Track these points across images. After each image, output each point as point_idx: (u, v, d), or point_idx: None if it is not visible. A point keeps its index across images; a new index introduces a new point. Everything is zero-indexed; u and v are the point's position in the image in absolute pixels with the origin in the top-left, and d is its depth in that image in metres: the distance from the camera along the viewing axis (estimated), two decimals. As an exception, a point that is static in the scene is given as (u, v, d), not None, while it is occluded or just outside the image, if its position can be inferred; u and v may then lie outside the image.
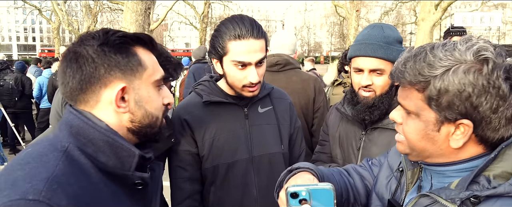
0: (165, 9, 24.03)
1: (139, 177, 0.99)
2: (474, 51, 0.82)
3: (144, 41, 1.03)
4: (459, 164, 0.90)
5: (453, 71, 0.82)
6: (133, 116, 0.99)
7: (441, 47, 0.86)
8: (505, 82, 0.80)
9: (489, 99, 0.81)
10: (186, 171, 1.63)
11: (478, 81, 0.80)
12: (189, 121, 1.63)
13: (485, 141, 0.87)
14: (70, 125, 0.95)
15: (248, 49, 1.48)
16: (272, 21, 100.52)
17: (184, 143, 1.63)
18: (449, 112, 0.84)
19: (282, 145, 1.72)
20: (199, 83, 1.74)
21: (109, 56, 0.95)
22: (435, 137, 0.89)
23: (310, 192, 0.86)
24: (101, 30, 1.00)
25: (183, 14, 33.49)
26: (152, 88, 1.02)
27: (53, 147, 0.91)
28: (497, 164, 0.84)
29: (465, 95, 0.81)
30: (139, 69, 0.99)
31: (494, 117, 0.82)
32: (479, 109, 0.82)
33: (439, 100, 0.84)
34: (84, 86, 0.95)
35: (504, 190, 0.79)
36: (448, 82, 0.82)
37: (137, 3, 9.18)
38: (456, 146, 0.87)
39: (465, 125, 0.84)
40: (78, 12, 35.22)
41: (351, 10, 22.00)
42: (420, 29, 14.30)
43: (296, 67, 2.78)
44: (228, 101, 1.64)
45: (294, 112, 1.85)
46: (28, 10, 32.44)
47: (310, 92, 2.70)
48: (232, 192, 1.64)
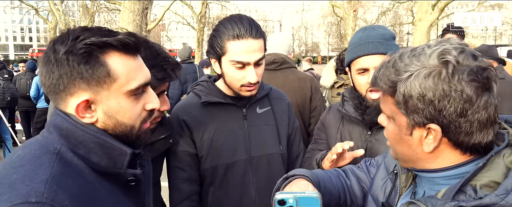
0: (162, 9, 23.99)
1: (131, 174, 0.99)
2: (437, 54, 0.81)
3: (118, 48, 0.95)
4: (446, 171, 0.89)
5: (415, 76, 0.82)
6: (105, 125, 0.96)
7: (409, 53, 0.86)
8: (469, 85, 0.78)
9: (452, 103, 0.80)
10: (184, 172, 1.63)
11: (437, 85, 0.80)
12: (187, 121, 1.62)
13: (460, 146, 0.85)
14: (60, 127, 0.94)
15: (246, 49, 1.47)
16: (270, 21, 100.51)
17: (182, 144, 1.62)
18: (416, 116, 0.84)
19: (281, 145, 1.72)
20: (197, 84, 1.74)
21: (72, 67, 0.90)
22: (409, 141, 0.90)
23: (297, 200, 0.88)
24: (75, 32, 0.93)
25: (181, 14, 33.45)
26: (124, 99, 0.96)
27: (45, 149, 0.90)
28: (485, 173, 0.81)
29: (428, 99, 0.81)
30: (107, 81, 0.92)
31: (463, 121, 0.81)
32: (444, 113, 0.81)
33: (406, 104, 0.85)
34: (53, 91, 0.93)
35: (490, 201, 0.76)
36: (410, 87, 0.83)
37: (134, 3, 9.15)
38: (428, 150, 0.87)
39: (433, 129, 0.84)
40: (75, 12, 35.15)
41: (348, 10, 22.04)
42: (417, 30, 14.33)
43: (292, 66, 2.79)
44: (226, 102, 1.64)
45: (292, 112, 1.85)
46: (25, 10, 32.32)
47: (307, 91, 2.71)
48: (231, 193, 1.64)
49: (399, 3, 29.64)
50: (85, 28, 0.95)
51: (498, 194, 0.76)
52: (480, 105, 0.79)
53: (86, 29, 0.94)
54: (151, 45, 1.40)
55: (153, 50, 1.38)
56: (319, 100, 2.77)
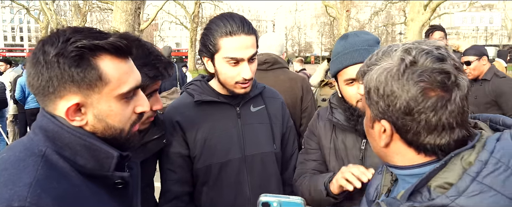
0: (155, 9, 23.89)
1: (119, 177, 0.98)
2: (400, 52, 0.83)
3: (109, 51, 0.93)
4: (410, 169, 0.89)
5: (375, 70, 0.85)
6: (94, 128, 0.95)
7: (386, 49, 0.89)
8: (416, 85, 0.79)
9: (398, 100, 0.81)
10: (175, 174, 1.62)
11: (387, 81, 0.82)
12: (180, 121, 1.62)
13: (411, 144, 0.86)
14: (46, 129, 0.92)
15: (240, 45, 1.48)
16: (263, 21, 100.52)
17: (175, 145, 1.62)
18: (373, 109, 0.87)
19: (275, 144, 1.72)
20: (190, 83, 1.73)
21: (63, 69, 0.88)
22: (372, 134, 0.93)
23: (281, 204, 0.90)
24: (65, 33, 0.91)
25: (174, 14, 33.35)
26: (114, 102, 0.95)
27: (30, 151, 0.89)
28: (442, 174, 0.81)
29: (380, 94, 0.84)
30: (98, 84, 0.91)
31: (408, 119, 0.82)
32: (391, 108, 0.83)
33: (368, 96, 0.88)
34: (42, 93, 0.92)
35: (441, 202, 0.76)
36: (369, 79, 0.86)
37: (127, 3, 9.11)
38: (382, 144, 0.90)
39: (383, 124, 0.86)
40: (67, 12, 34.84)
41: (341, 11, 22.13)
42: (409, 30, 14.44)
43: (284, 66, 2.80)
44: (220, 101, 1.63)
45: (286, 111, 1.84)
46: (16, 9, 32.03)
47: (298, 91, 2.72)
48: (225, 192, 1.63)
49: (391, 4, 29.83)
50: (76, 30, 0.93)
51: (448, 196, 0.76)
52: (426, 106, 0.79)
53: (76, 31, 0.92)
54: (143, 43, 1.40)
55: (145, 48, 1.38)
56: (310, 101, 2.78)
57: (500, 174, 0.74)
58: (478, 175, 0.75)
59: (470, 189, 0.74)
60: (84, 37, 0.90)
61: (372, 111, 0.88)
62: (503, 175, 0.74)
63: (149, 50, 1.39)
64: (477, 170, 0.75)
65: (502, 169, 0.75)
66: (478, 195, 0.74)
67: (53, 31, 0.94)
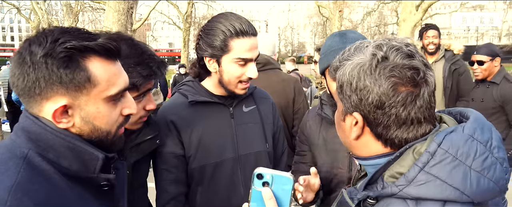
0: (148, 9, 23.78)
1: (104, 179, 0.97)
2: (371, 48, 0.86)
3: (99, 52, 0.92)
4: (371, 159, 0.92)
5: (348, 64, 0.88)
6: (80, 130, 0.94)
7: (358, 45, 0.91)
8: (388, 80, 0.82)
9: (370, 94, 0.84)
10: (171, 173, 1.62)
11: (360, 75, 0.85)
12: (175, 121, 1.62)
13: (380, 138, 0.89)
14: (28, 131, 0.90)
15: (251, 46, 1.52)
16: (256, 21, 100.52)
17: (170, 145, 1.61)
18: (345, 102, 0.90)
19: (267, 143, 1.74)
20: (183, 84, 1.73)
21: (51, 70, 0.86)
22: (343, 127, 0.95)
23: (273, 177, 0.96)
24: (53, 33, 0.89)
25: (166, 14, 33.21)
26: (102, 104, 0.94)
27: (12, 153, 0.87)
28: (395, 165, 0.84)
29: (353, 87, 0.86)
30: (87, 86, 0.90)
31: (380, 113, 0.85)
32: (364, 102, 0.85)
33: (340, 90, 0.91)
34: (27, 94, 0.90)
35: (390, 191, 0.80)
36: (342, 74, 0.89)
37: (119, 3, 9.05)
38: (352, 137, 0.92)
39: (355, 117, 0.89)
40: (59, 11, 34.55)
41: (334, 11, 22.19)
42: (402, 30, 14.53)
43: (276, 67, 2.80)
44: (213, 101, 1.64)
45: (276, 111, 1.87)
46: (6, 8, 31.64)
47: (290, 93, 2.72)
48: (220, 192, 1.64)
49: (384, 4, 29.99)
50: (64, 30, 0.91)
51: (397, 185, 0.80)
52: (396, 100, 0.82)
53: (65, 31, 0.91)
54: (136, 43, 1.39)
55: (138, 48, 1.37)
56: (302, 102, 2.79)
57: (446, 165, 0.77)
58: (426, 165, 0.78)
59: (418, 178, 0.78)
60: (73, 38, 0.89)
61: (344, 105, 0.91)
62: (449, 166, 0.77)
63: (142, 49, 1.38)
64: (425, 160, 0.79)
65: (449, 159, 0.77)
66: (424, 184, 0.77)
67: (39, 31, 0.92)
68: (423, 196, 0.77)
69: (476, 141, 0.79)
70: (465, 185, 0.76)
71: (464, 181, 0.76)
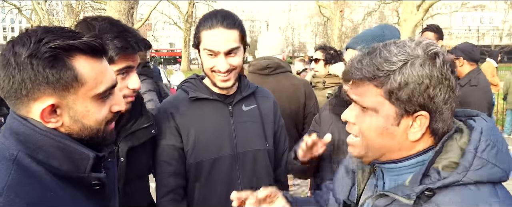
0: (149, 9, 23.81)
1: (95, 178, 0.97)
2: (424, 46, 0.87)
3: (84, 51, 0.91)
4: (410, 159, 0.94)
5: (411, 64, 0.86)
6: (70, 129, 0.94)
7: (393, 44, 0.90)
8: (453, 75, 0.87)
9: (442, 90, 0.86)
10: (170, 166, 1.64)
11: (433, 73, 0.86)
12: (175, 115, 1.65)
13: (435, 133, 0.91)
14: (16, 132, 0.90)
15: (216, 38, 1.55)
16: (257, 21, 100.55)
17: (169, 138, 1.65)
18: (408, 105, 0.88)
19: (267, 142, 1.76)
20: (185, 81, 1.78)
21: (36, 71, 0.86)
22: (395, 132, 0.91)
23: None
24: (36, 34, 0.88)
25: (167, 14, 33.23)
26: (91, 103, 0.94)
27: (1, 156, 0.86)
28: (444, 155, 0.89)
29: (423, 87, 0.86)
30: (74, 85, 0.90)
31: (445, 108, 0.88)
32: (435, 99, 0.87)
33: (399, 93, 0.87)
34: (13, 96, 0.89)
35: (453, 179, 0.84)
36: (407, 75, 0.86)
37: (120, 3, 9.06)
38: (414, 138, 0.91)
39: (423, 116, 0.88)
40: (60, 11, 34.59)
41: (335, 11, 22.19)
42: (403, 30, 14.51)
43: (287, 71, 2.79)
44: (213, 98, 1.68)
45: (278, 110, 1.88)
46: (7, 8, 31.69)
47: (301, 98, 2.71)
48: (217, 188, 1.66)
49: (384, 4, 29.98)
50: (47, 29, 0.91)
51: (459, 172, 0.85)
52: (456, 94, 0.89)
53: (48, 31, 0.90)
54: (116, 21, 1.43)
55: (119, 25, 1.41)
56: (313, 106, 2.78)
57: (491, 149, 0.86)
58: (477, 151, 0.85)
59: (474, 163, 0.85)
60: (57, 37, 0.88)
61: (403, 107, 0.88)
62: (494, 150, 0.86)
63: (123, 27, 1.41)
64: (474, 147, 0.86)
65: (491, 145, 0.86)
66: (481, 168, 0.84)
67: (22, 31, 0.90)
68: (481, 179, 0.84)
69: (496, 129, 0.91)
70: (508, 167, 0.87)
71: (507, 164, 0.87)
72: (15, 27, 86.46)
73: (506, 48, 34.09)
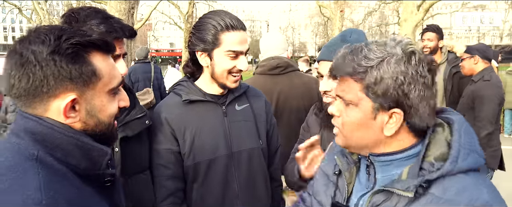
0: (149, 9, 23.79)
1: (109, 174, 0.99)
2: (402, 45, 0.92)
3: (100, 47, 0.95)
4: (403, 152, 0.97)
5: (387, 61, 0.91)
6: (85, 125, 0.95)
7: (374, 43, 0.95)
8: (429, 73, 0.91)
9: (417, 87, 0.90)
10: (168, 169, 1.65)
11: (408, 70, 0.90)
12: (169, 119, 1.65)
13: (414, 129, 0.96)
14: (33, 132, 0.89)
15: (240, 39, 1.57)
16: (257, 21, 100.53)
17: (165, 142, 1.65)
18: (384, 100, 0.92)
19: (260, 140, 1.77)
20: (177, 84, 1.78)
21: (60, 67, 0.87)
22: (372, 125, 0.96)
23: None
24: (52, 31, 0.90)
25: (167, 14, 33.21)
26: (106, 97, 0.97)
27: (22, 156, 0.86)
28: (433, 148, 0.94)
29: (398, 83, 0.90)
30: (93, 80, 0.93)
31: (421, 105, 0.92)
32: (409, 96, 0.91)
33: (375, 88, 0.92)
34: (31, 94, 0.89)
35: (447, 169, 0.90)
36: (383, 71, 0.91)
37: (120, 3, 9.06)
38: (389, 133, 0.95)
39: (396, 113, 0.93)
40: (60, 12, 34.57)
41: (335, 11, 22.20)
42: (403, 30, 14.50)
43: (296, 69, 2.81)
44: (206, 100, 1.69)
45: (269, 109, 1.91)
46: (8, 9, 31.68)
47: (314, 95, 2.72)
48: (214, 188, 1.67)
49: (385, 4, 29.97)
50: (62, 28, 0.93)
51: (451, 162, 0.90)
52: (433, 91, 0.93)
53: (63, 29, 0.92)
54: (100, 10, 1.45)
55: (103, 12, 1.43)
56: None
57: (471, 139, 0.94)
58: (460, 141, 0.92)
59: (461, 153, 0.91)
60: (74, 34, 0.90)
61: (378, 103, 0.93)
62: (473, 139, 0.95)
63: (107, 14, 1.44)
64: (457, 138, 0.93)
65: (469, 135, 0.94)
66: (468, 157, 0.91)
67: (32, 31, 0.91)
68: (469, 167, 0.90)
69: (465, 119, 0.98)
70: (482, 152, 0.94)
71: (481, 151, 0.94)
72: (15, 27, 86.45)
73: (507, 48, 34.06)
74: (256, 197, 1.74)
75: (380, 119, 0.95)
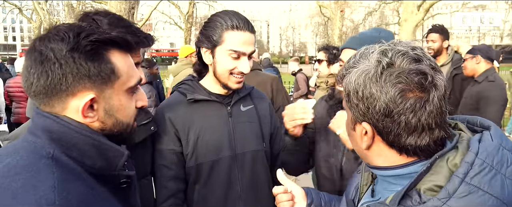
0: (149, 9, 23.80)
1: (125, 176, 0.98)
2: (376, 54, 0.84)
3: (120, 45, 0.94)
4: (394, 169, 0.89)
5: (354, 72, 0.85)
6: (103, 125, 0.94)
7: (364, 50, 0.89)
8: (394, 87, 0.79)
9: (377, 101, 0.81)
10: (170, 170, 1.63)
11: (366, 83, 0.82)
12: (173, 119, 1.63)
13: (393, 146, 0.86)
14: (49, 130, 0.88)
15: (244, 40, 1.55)
16: (257, 21, 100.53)
17: (168, 142, 1.63)
18: (354, 111, 0.87)
19: (264, 142, 1.76)
20: (182, 83, 1.76)
21: (79, 64, 0.86)
22: (354, 135, 0.93)
23: None
24: (71, 29, 0.89)
25: (168, 14, 33.18)
26: (124, 96, 0.96)
27: (38, 154, 0.85)
28: (429, 176, 0.81)
29: (359, 96, 0.84)
30: (112, 78, 0.91)
31: (389, 121, 0.82)
32: (371, 110, 0.83)
33: (347, 99, 0.89)
34: (50, 92, 0.88)
35: (432, 204, 0.77)
36: (348, 82, 0.86)
37: (120, 3, 9.06)
38: (364, 146, 0.90)
39: (364, 127, 0.87)
40: (60, 12, 34.58)
41: (335, 11, 22.19)
42: (403, 30, 14.49)
43: (255, 68, 2.84)
44: (211, 99, 1.67)
45: (273, 112, 1.90)
46: (8, 9, 31.68)
47: (268, 94, 2.75)
48: (216, 190, 1.65)
49: (385, 4, 29.95)
50: (80, 26, 0.92)
51: (440, 198, 0.76)
52: (405, 107, 0.79)
53: (81, 26, 0.91)
54: (122, 17, 1.44)
55: (125, 21, 1.42)
56: (282, 100, 2.87)
57: (486, 175, 0.76)
58: (466, 176, 0.76)
59: (460, 190, 0.75)
60: (93, 32, 0.89)
61: (353, 113, 0.88)
62: (488, 176, 0.76)
63: (129, 22, 1.43)
64: (465, 171, 0.76)
65: (487, 169, 0.76)
66: (467, 196, 0.75)
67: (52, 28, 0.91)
68: None
69: (505, 150, 0.79)
70: (504, 193, 0.75)
71: (502, 190, 0.75)
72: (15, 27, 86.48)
73: (507, 48, 34.03)
74: (259, 199, 1.73)
75: (358, 130, 0.90)
